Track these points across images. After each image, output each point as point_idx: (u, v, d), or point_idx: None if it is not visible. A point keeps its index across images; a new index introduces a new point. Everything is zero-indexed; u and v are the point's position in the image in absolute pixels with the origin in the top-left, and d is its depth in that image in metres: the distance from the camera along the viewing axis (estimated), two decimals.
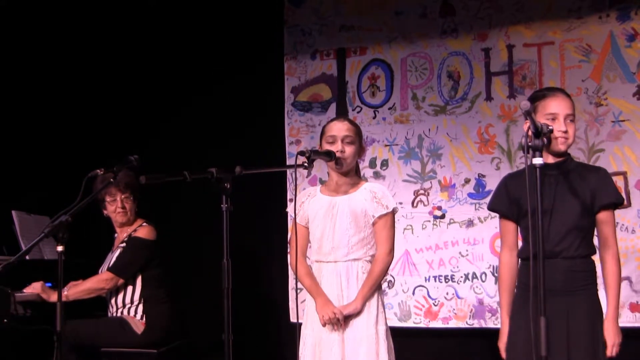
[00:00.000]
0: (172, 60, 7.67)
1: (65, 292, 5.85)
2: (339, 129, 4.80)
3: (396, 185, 6.86)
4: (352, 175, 4.87)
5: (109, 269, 5.97)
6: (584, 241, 4.29)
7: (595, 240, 4.38)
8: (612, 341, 4.16)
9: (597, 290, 4.32)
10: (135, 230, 6.13)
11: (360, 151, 4.88)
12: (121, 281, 5.96)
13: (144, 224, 6.16)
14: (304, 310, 4.89)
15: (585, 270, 4.28)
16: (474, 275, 6.68)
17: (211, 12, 7.56)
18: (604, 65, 6.43)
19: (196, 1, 7.55)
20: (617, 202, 4.35)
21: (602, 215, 4.30)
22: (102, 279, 5.95)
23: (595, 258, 4.35)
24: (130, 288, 6.01)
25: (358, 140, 4.83)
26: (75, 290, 5.94)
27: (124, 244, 6.08)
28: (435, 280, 6.79)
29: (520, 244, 4.50)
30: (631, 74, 6.33)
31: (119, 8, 7.63)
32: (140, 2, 7.59)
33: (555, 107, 4.24)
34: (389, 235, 4.77)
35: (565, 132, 4.21)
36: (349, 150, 4.75)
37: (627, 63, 6.35)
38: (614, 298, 4.24)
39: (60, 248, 4.47)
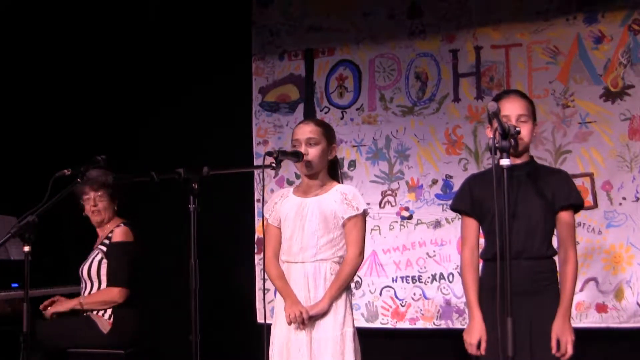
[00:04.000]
0: (140, 61, 7.63)
1: (81, 300, 5.88)
2: (303, 131, 4.78)
3: (364, 186, 6.85)
4: (324, 176, 4.83)
5: (111, 284, 5.92)
6: (546, 242, 4.34)
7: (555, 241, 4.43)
8: (565, 338, 4.19)
9: (558, 290, 4.36)
10: (111, 232, 6.06)
11: (329, 150, 4.82)
12: (127, 291, 5.94)
13: (121, 224, 6.08)
14: (274, 311, 4.88)
15: (547, 271, 4.34)
16: (442, 276, 6.69)
17: (179, 12, 7.53)
18: (571, 67, 6.46)
19: (165, 1, 7.52)
20: (577, 203, 4.40)
21: (562, 216, 4.35)
22: (114, 294, 5.87)
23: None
24: (96, 286, 5.94)
25: (325, 140, 4.77)
26: (90, 300, 5.91)
27: (102, 247, 6.00)
28: (402, 281, 6.80)
29: (482, 244, 4.53)
30: (598, 76, 6.36)
31: (88, 11, 7.59)
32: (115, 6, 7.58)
33: (506, 109, 4.29)
34: (358, 237, 4.74)
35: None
36: (313, 152, 4.71)
37: (594, 65, 6.39)
38: (567, 297, 4.29)
39: (26, 248, 4.44)
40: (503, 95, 4.46)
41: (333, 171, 4.94)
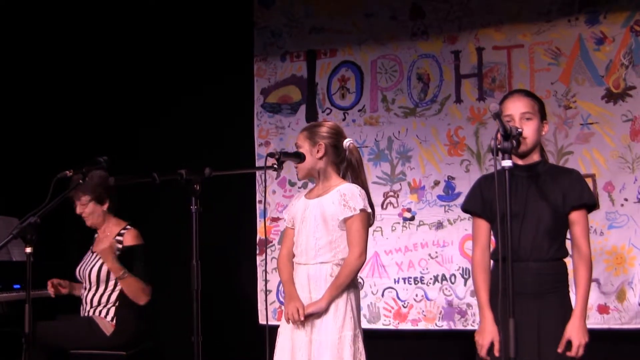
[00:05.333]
0: (141, 62, 7.63)
1: (124, 272, 5.77)
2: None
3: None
4: (328, 177, 4.82)
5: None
6: (556, 244, 4.30)
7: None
8: (577, 341, 4.16)
9: (568, 291, 4.33)
10: (119, 235, 6.02)
11: (314, 150, 4.77)
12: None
13: (128, 227, 6.05)
14: (283, 312, 4.89)
15: (555, 273, 4.30)
16: (444, 277, 6.69)
17: (181, 13, 7.53)
18: (573, 68, 6.46)
19: (166, 2, 7.52)
20: (589, 203, 4.35)
21: (574, 216, 4.31)
22: (147, 292, 5.90)
23: (568, 259, 4.38)
24: (102, 288, 5.93)
25: (308, 142, 4.78)
26: (130, 281, 5.84)
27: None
28: (404, 282, 6.81)
29: (493, 244, 4.51)
30: (600, 77, 6.36)
31: (90, 12, 7.60)
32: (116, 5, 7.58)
33: (510, 109, 4.26)
34: (357, 238, 4.70)
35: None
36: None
37: (595, 66, 6.39)
38: (582, 299, 4.25)
39: (28, 250, 4.44)
40: (507, 95, 4.44)
41: (344, 170, 4.93)
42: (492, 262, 4.46)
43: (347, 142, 4.89)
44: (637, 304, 6.13)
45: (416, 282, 6.78)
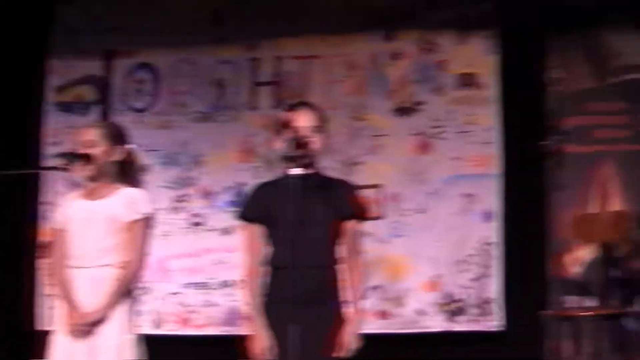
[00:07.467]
0: None
1: None
2: (83, 135, 4.74)
3: (156, 191, 6.72)
4: (112, 178, 4.77)
5: None
6: (331, 251, 4.42)
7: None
8: (356, 344, 4.31)
9: (341, 298, 4.46)
10: None
11: (112, 152, 4.67)
12: None
13: None
14: (55, 318, 4.78)
15: (333, 280, 4.41)
16: (230, 283, 6.70)
17: None
18: (367, 81, 6.64)
19: None
20: (361, 213, 4.50)
21: (347, 225, 4.44)
22: None
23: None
24: None
25: (107, 142, 4.62)
26: None
27: None
28: (191, 287, 6.80)
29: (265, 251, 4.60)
30: (391, 92, 6.57)
31: None
32: None
33: (299, 121, 4.34)
34: (141, 243, 4.63)
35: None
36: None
37: (388, 81, 6.59)
38: (356, 303, 4.40)
39: None
40: (295, 106, 4.52)
41: (123, 173, 4.87)
42: (269, 269, 4.55)
43: (130, 146, 4.86)
44: (413, 310, 6.33)
45: (203, 287, 6.78)
